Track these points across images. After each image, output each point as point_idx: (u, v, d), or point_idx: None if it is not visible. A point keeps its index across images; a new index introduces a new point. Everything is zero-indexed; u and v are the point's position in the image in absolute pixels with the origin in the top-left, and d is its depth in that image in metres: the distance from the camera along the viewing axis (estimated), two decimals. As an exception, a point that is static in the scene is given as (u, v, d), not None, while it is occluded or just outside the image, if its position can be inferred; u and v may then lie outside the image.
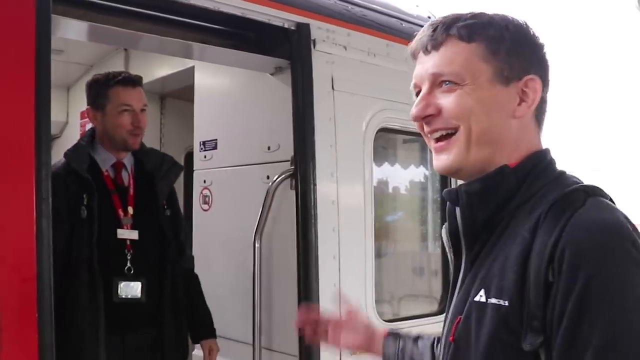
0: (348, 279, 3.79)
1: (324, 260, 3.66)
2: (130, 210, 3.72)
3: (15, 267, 2.61)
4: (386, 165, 4.70)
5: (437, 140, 1.66)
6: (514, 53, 1.61)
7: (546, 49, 1.69)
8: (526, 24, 1.67)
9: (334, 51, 3.88)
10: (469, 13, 1.66)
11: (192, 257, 4.10)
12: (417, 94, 1.69)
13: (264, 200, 3.75)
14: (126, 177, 3.81)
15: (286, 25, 3.68)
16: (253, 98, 4.30)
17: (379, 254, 4.36)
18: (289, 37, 3.73)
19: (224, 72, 4.06)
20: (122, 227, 3.66)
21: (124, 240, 3.65)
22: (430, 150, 1.71)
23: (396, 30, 4.28)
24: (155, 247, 3.78)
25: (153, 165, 3.87)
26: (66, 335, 3.30)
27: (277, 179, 3.76)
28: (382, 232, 4.59)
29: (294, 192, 3.70)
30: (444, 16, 1.68)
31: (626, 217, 1.47)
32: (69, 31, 3.39)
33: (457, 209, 1.65)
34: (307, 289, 3.59)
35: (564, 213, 1.44)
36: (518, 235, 1.51)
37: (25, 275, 2.62)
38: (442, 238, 1.81)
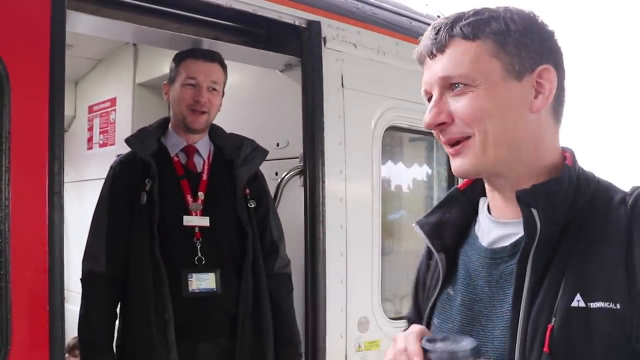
0: (355, 276, 3.80)
1: (331, 257, 3.67)
2: (201, 196, 3.37)
3: (27, 260, 2.63)
4: (394, 163, 4.71)
5: (452, 145, 1.58)
6: (522, 45, 1.53)
7: (557, 36, 1.60)
8: (533, 13, 1.59)
9: (344, 49, 3.89)
10: (471, 10, 1.57)
11: (287, 261, 3.58)
12: (429, 101, 1.61)
13: (273, 197, 3.74)
14: (200, 163, 3.47)
15: (297, 23, 3.70)
16: (263, 95, 4.32)
17: (385, 252, 4.37)
18: (299, 34, 3.75)
19: (234, 68, 4.04)
20: (190, 215, 3.34)
21: (192, 228, 3.31)
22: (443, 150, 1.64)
23: (405, 28, 4.29)
24: (231, 238, 3.39)
25: (231, 151, 3.52)
26: (133, 340, 3.21)
27: (285, 175, 3.79)
28: (389, 230, 4.60)
29: (302, 189, 3.71)
30: (445, 17, 1.60)
31: None
32: (80, 25, 3.40)
33: (534, 211, 1.51)
34: (314, 285, 3.62)
35: None
36: (608, 237, 1.47)
37: (38, 268, 2.64)
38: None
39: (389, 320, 4.06)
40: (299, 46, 3.77)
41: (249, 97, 4.34)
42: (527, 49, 1.53)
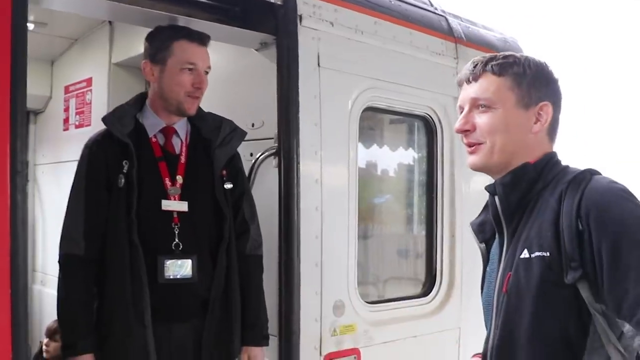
0: (330, 259, 3.76)
1: (306, 239, 3.62)
2: (180, 179, 3.31)
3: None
4: (373, 145, 4.65)
5: (469, 145, 2.24)
6: (532, 85, 2.18)
7: (559, 83, 2.26)
8: (545, 64, 2.24)
9: (320, 27, 3.81)
10: (502, 54, 2.24)
11: (259, 242, 3.55)
12: (461, 113, 2.26)
13: (247, 178, 3.66)
14: (178, 144, 3.39)
15: (272, 0, 3.61)
16: (237, 74, 4.25)
17: (363, 235, 4.32)
18: (274, 12, 3.66)
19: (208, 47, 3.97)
20: (168, 199, 3.28)
21: (171, 213, 3.26)
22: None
23: (385, 7, 4.22)
24: (209, 222, 3.35)
25: (209, 131, 3.45)
26: (109, 323, 3.17)
27: (260, 156, 3.71)
28: (366, 213, 4.55)
29: (277, 170, 3.64)
30: (483, 56, 2.25)
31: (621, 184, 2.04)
32: (54, 2, 3.33)
33: (496, 197, 2.21)
34: (288, 268, 3.56)
35: (579, 186, 2.01)
36: (547, 207, 2.06)
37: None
38: (472, 229, 2.45)
39: (366, 304, 4.02)
40: (274, 24, 3.68)
41: (224, 76, 4.24)
42: (535, 89, 2.18)
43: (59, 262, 3.25)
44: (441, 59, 4.54)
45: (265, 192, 3.71)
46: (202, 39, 3.39)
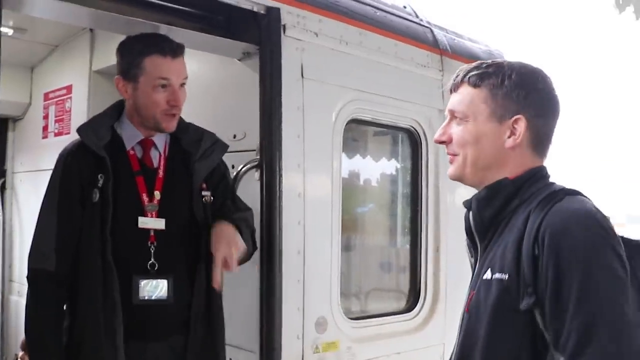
0: (313, 275, 3.68)
1: (288, 255, 3.53)
2: (157, 195, 3.16)
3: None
4: (357, 157, 4.60)
5: (449, 155, 2.22)
6: (509, 97, 2.08)
7: (548, 90, 2.14)
8: (533, 72, 2.14)
9: (304, 37, 3.74)
10: (486, 62, 2.16)
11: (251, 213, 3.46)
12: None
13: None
14: (156, 157, 3.24)
15: (255, 9, 3.54)
16: (219, 84, 4.17)
17: (346, 249, 4.26)
18: (258, 21, 3.58)
19: (190, 56, 3.90)
20: (145, 215, 3.13)
21: (147, 230, 3.11)
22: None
23: (369, 18, 4.17)
24: (187, 239, 3.20)
25: (190, 143, 3.30)
26: (80, 344, 3.05)
27: (242, 168, 3.62)
28: (350, 227, 4.50)
29: (259, 183, 3.56)
30: (469, 65, 2.19)
31: (596, 208, 1.96)
32: (34, 8, 3.25)
33: (470, 213, 2.18)
34: (269, 284, 3.48)
35: (547, 205, 1.94)
36: (514, 227, 2.00)
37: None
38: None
39: (349, 320, 3.96)
40: (257, 34, 3.61)
41: (205, 86, 4.18)
42: (511, 101, 2.08)
43: (27, 277, 3.14)
44: (426, 71, 4.50)
45: (246, 206, 3.62)
46: (174, 51, 3.20)
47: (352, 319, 4.01)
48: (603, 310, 1.80)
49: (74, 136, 3.74)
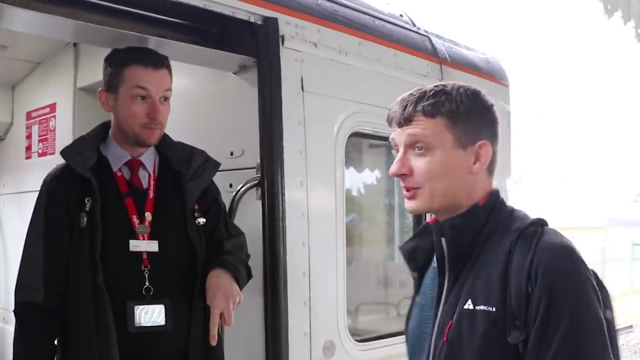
0: (319, 297, 3.54)
1: (293, 277, 3.38)
2: (149, 216, 3.04)
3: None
4: (358, 171, 4.49)
5: (407, 189, 2.09)
6: (468, 123, 2.04)
7: (494, 109, 2.13)
8: (476, 93, 2.10)
9: (303, 48, 3.59)
10: (431, 90, 2.06)
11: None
12: (397, 151, 2.11)
13: (227, 211, 3.43)
14: (145, 178, 3.13)
15: (252, 20, 3.38)
16: (215, 99, 4.02)
17: (350, 267, 4.12)
18: (255, 32, 3.44)
19: (183, 70, 3.76)
20: (136, 238, 3.01)
21: (140, 254, 2.99)
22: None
23: (369, 27, 4.05)
24: (182, 262, 3.07)
25: (179, 162, 3.19)
26: None
27: (241, 188, 3.47)
28: (357, 243, 4.37)
29: (260, 202, 3.41)
30: (409, 94, 2.08)
31: (568, 239, 1.99)
32: (14, 22, 3.09)
33: (443, 239, 2.09)
34: (274, 309, 3.32)
35: (531, 240, 1.93)
36: (494, 259, 1.98)
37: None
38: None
39: (357, 342, 3.81)
40: (254, 46, 3.46)
41: (199, 102, 4.04)
42: (472, 126, 2.05)
43: (14, 312, 2.98)
44: (427, 80, 4.34)
45: (247, 227, 3.46)
46: (156, 63, 3.08)
47: (359, 341, 3.87)
48: (584, 354, 1.85)
49: (58, 156, 3.59)
